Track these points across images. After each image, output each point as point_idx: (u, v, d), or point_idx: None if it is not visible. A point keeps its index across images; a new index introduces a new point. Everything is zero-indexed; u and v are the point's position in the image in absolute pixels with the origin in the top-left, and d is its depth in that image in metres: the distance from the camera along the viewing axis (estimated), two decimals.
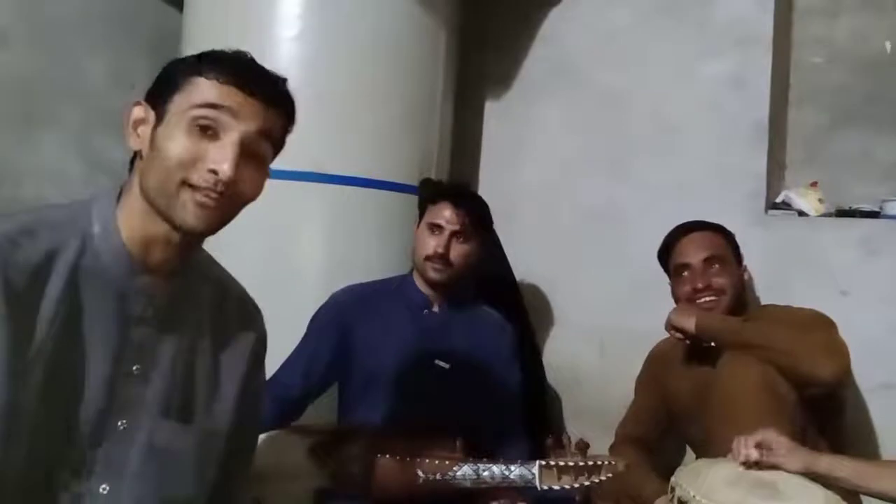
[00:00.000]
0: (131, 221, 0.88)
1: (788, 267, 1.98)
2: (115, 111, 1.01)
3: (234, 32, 1.94)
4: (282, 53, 1.93)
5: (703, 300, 1.63)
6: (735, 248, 1.75)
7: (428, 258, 1.65)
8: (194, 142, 0.84)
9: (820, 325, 1.54)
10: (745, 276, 1.76)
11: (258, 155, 0.88)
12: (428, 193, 1.79)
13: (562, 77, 2.45)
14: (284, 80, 0.93)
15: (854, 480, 1.24)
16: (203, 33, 2.09)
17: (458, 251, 1.65)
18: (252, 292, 1.08)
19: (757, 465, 1.25)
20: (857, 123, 2.15)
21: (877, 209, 1.97)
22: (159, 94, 0.88)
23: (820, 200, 2.04)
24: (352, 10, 2.01)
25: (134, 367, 0.88)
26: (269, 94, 0.88)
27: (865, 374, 1.80)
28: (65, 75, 2.34)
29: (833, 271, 1.93)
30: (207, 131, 0.84)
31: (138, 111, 0.89)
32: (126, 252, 0.87)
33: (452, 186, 1.90)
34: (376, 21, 2.03)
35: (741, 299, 1.70)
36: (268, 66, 0.91)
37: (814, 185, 2.10)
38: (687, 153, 2.20)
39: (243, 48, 0.93)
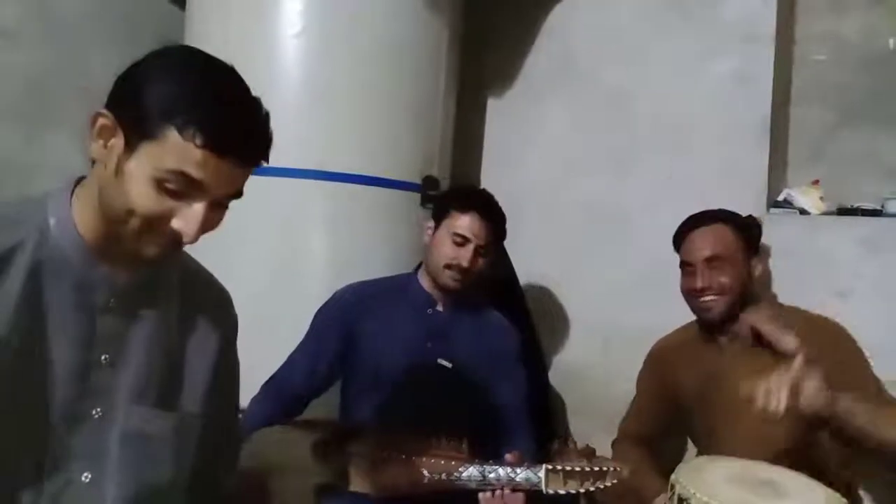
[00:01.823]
0: (87, 217, 0.87)
1: (789, 265, 1.98)
2: None
3: (236, 30, 1.93)
4: (284, 51, 1.91)
5: (703, 300, 1.64)
6: (747, 237, 1.69)
7: (448, 267, 1.64)
8: (161, 200, 0.81)
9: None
10: (758, 270, 1.74)
11: (223, 205, 0.86)
12: (456, 199, 1.70)
13: (565, 74, 2.45)
14: (266, 117, 0.85)
15: (869, 427, 1.26)
16: (206, 31, 2.07)
17: (478, 264, 1.66)
18: (255, 290, 1.09)
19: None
20: (861, 121, 2.14)
21: (879, 208, 1.97)
22: (129, 118, 0.80)
23: (821, 199, 2.04)
24: (354, 7, 2.01)
25: (102, 357, 0.89)
26: (248, 152, 0.83)
27: None
28: (72, 74, 2.36)
29: (834, 270, 1.93)
30: (176, 192, 0.81)
31: (104, 122, 0.82)
32: (83, 243, 0.87)
33: (480, 195, 1.74)
34: (379, 19, 2.03)
35: (747, 294, 1.69)
36: (270, 63, 0.85)
37: (815, 183, 2.10)
38: (690, 150, 2.20)
39: (245, 45, 0.90)
